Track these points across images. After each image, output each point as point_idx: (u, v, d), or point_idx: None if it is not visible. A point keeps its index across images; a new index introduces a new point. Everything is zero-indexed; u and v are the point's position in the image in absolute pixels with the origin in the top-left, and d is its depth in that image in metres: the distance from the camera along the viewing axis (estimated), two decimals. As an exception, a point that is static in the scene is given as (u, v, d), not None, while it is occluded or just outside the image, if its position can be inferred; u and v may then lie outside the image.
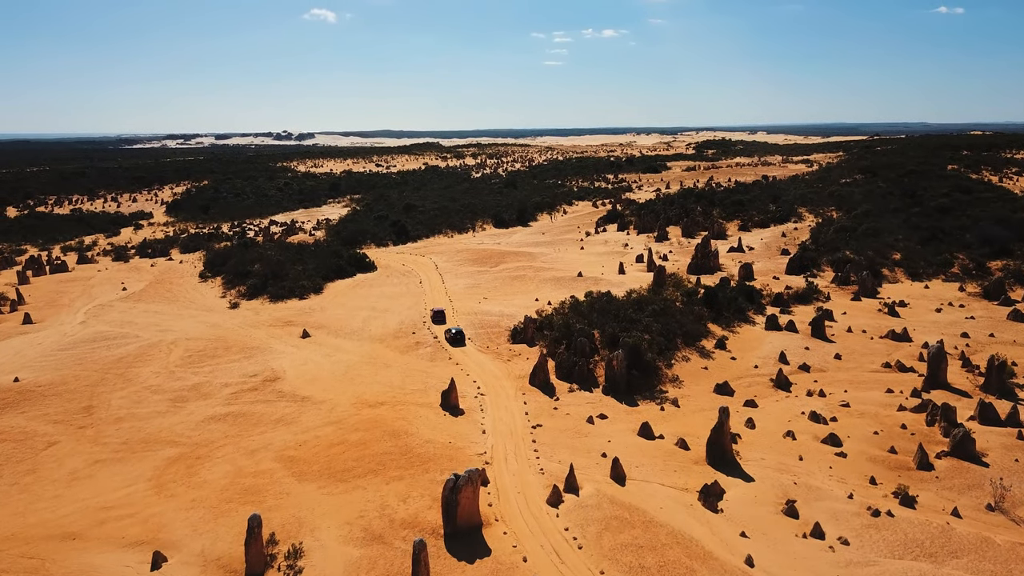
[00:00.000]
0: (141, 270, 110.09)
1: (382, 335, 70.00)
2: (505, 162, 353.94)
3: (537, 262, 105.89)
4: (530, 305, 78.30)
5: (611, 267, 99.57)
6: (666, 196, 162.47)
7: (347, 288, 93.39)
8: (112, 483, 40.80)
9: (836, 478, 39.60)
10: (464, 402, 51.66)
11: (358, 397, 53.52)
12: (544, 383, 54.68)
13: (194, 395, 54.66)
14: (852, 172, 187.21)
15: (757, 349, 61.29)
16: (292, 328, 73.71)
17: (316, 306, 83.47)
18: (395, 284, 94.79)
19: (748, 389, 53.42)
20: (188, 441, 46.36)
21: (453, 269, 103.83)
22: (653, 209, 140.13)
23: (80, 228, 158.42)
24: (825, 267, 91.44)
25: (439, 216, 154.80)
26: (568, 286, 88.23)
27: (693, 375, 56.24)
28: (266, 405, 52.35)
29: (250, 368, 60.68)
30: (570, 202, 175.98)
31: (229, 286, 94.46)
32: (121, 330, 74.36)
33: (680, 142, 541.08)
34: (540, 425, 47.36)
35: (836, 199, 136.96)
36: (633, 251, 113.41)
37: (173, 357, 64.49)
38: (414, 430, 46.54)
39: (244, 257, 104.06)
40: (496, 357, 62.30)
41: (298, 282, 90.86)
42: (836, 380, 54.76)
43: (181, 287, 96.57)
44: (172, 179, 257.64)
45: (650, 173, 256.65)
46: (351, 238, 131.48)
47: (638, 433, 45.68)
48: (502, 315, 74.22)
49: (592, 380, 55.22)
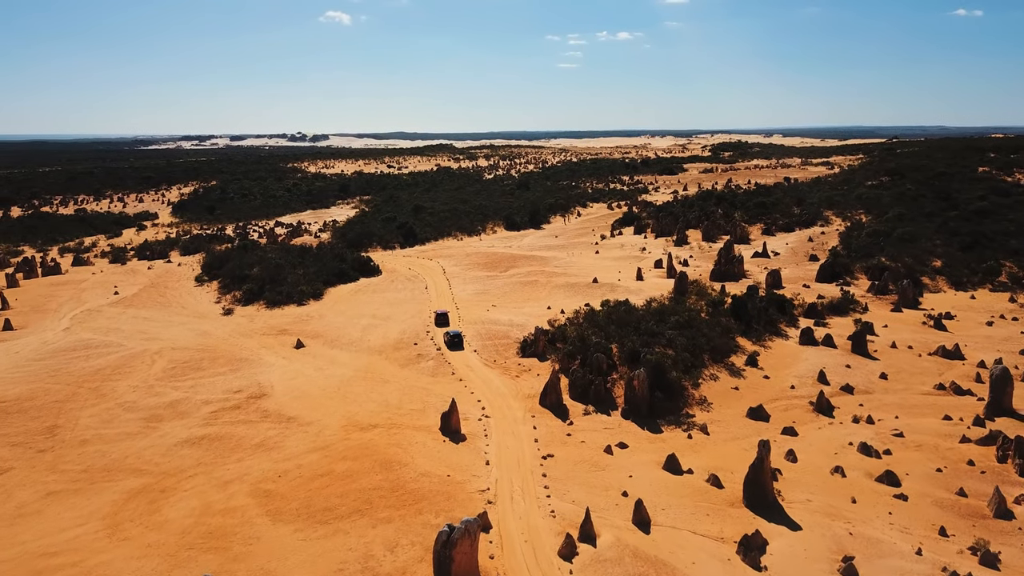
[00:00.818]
0: (137, 273, 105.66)
1: (381, 346, 64.76)
2: (518, 164, 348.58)
3: (549, 267, 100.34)
4: (542, 314, 72.84)
5: (628, 273, 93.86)
6: (684, 198, 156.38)
7: (349, 294, 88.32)
8: (62, 521, 35.69)
9: (898, 527, 33.77)
10: (467, 425, 46.23)
11: (350, 418, 48.25)
12: (556, 404, 49.15)
13: (170, 414, 49.59)
14: (877, 174, 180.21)
15: (792, 366, 55.38)
16: (286, 337, 68.66)
17: (314, 313, 78.45)
18: (399, 290, 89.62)
19: (785, 414, 47.59)
20: (155, 469, 41.23)
21: (461, 274, 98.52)
22: (671, 212, 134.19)
23: (82, 229, 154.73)
24: (859, 274, 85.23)
25: (449, 218, 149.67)
26: (583, 293, 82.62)
27: (722, 396, 50.45)
28: (247, 426, 47.18)
29: (235, 383, 55.59)
30: (584, 204, 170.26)
31: (225, 291, 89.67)
32: (105, 338, 69.62)
33: (695, 144, 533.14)
34: (551, 455, 41.82)
35: (864, 202, 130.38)
36: (651, 256, 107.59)
37: (155, 369, 59.57)
38: (409, 459, 41.15)
39: (243, 260, 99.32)
40: (504, 372, 56.84)
41: (296, 287, 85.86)
42: (884, 404, 48.80)
43: (175, 291, 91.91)
44: (181, 179, 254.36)
45: (666, 175, 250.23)
46: (357, 241, 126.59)
47: (663, 466, 40.03)
48: (511, 324, 68.82)
49: (610, 401, 49.61)
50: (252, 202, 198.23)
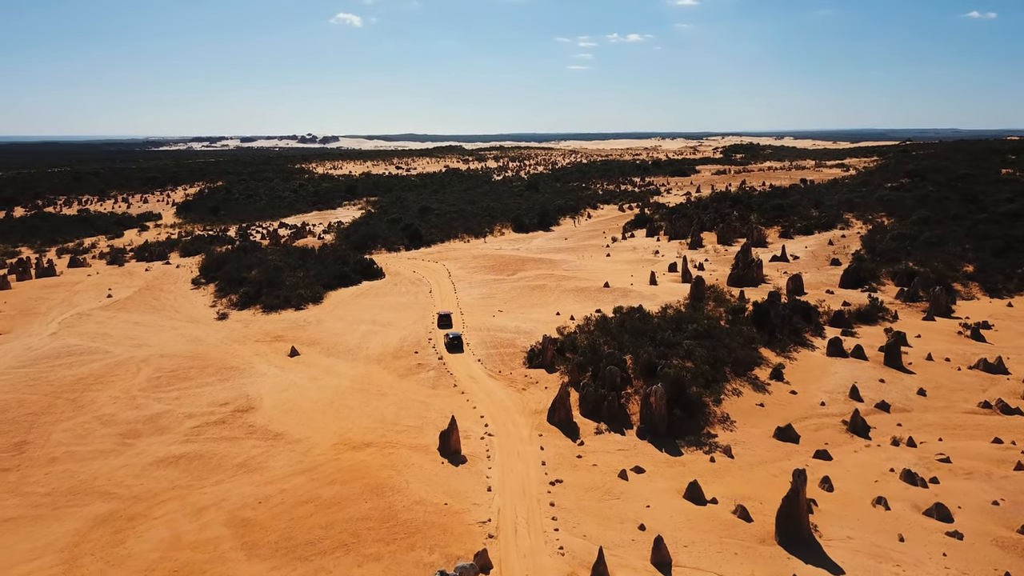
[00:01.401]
0: (134, 275, 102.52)
1: (380, 354, 61.08)
2: (528, 165, 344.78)
3: (559, 270, 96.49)
4: (550, 320, 69.01)
5: (641, 277, 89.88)
6: (698, 200, 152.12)
7: (349, 298, 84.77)
8: (14, 554, 32.14)
9: (956, 572, 29.69)
10: (468, 445, 42.41)
11: (341, 435, 44.55)
12: (566, 421, 45.26)
13: (149, 429, 46.05)
14: (896, 176, 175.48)
15: (821, 380, 51.22)
16: (281, 344, 65.10)
17: (312, 318, 74.90)
18: (402, 294, 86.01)
19: (816, 434, 43.50)
20: (126, 493, 37.64)
21: (467, 277, 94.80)
22: (685, 213, 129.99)
23: (83, 229, 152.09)
24: (885, 280, 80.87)
25: (456, 220, 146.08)
26: (593, 298, 78.73)
27: (747, 414, 46.41)
28: (231, 444, 43.55)
29: (222, 394, 52.03)
30: (595, 206, 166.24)
31: (221, 294, 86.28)
32: (92, 344, 66.30)
33: (706, 146, 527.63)
34: (560, 481, 37.93)
35: (886, 204, 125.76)
36: (665, 259, 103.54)
37: (139, 378, 56.11)
38: (403, 484, 37.37)
39: (241, 262, 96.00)
40: (509, 384, 52.99)
41: (295, 291, 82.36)
42: (925, 424, 44.63)
43: (170, 295, 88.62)
44: (186, 180, 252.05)
45: (678, 176, 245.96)
46: (361, 242, 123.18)
47: (684, 495, 36.06)
48: (518, 331, 65.02)
49: (624, 419, 45.67)
50: (257, 203, 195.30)
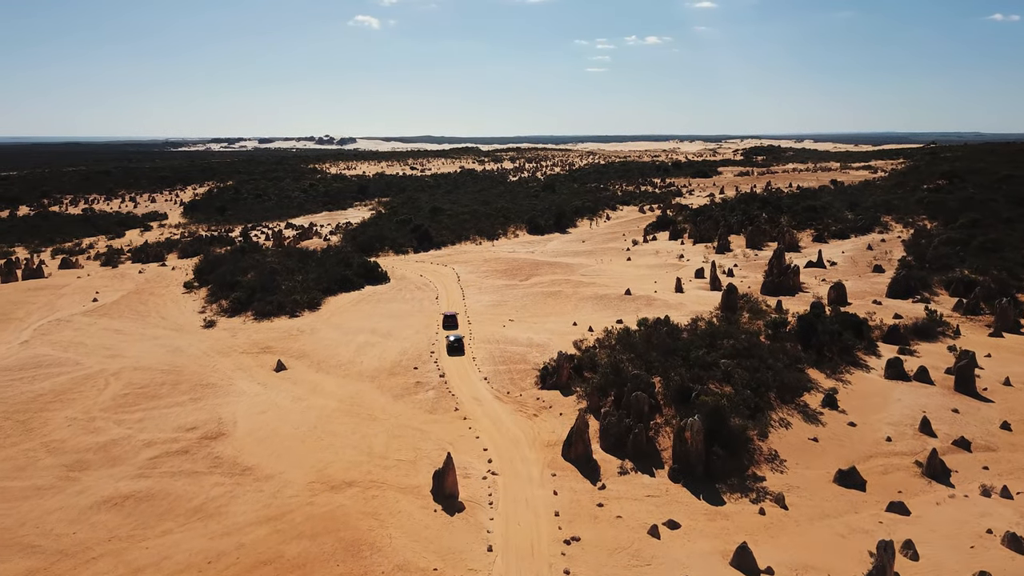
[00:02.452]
0: (125, 277, 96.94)
1: (376, 370, 54.54)
2: (544, 166, 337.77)
3: (576, 275, 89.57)
4: (566, 331, 62.21)
5: (666, 283, 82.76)
6: (723, 201, 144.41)
7: (349, 304, 78.43)
8: None
9: None
10: (467, 487, 35.66)
11: (320, 470, 37.98)
12: (584, 458, 38.37)
13: (100, 459, 39.77)
14: (931, 177, 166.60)
15: (883, 410, 43.89)
16: (268, 357, 58.79)
17: (307, 326, 68.61)
18: (407, 300, 79.55)
19: (886, 479, 36.26)
20: (53, 546, 31.27)
21: (477, 282, 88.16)
22: (710, 215, 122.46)
23: (84, 229, 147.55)
24: (938, 289, 73.14)
25: (468, 221, 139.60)
26: (614, 307, 71.79)
27: (799, 451, 39.23)
28: (190, 481, 37.12)
29: (192, 416, 45.71)
30: (614, 207, 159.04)
31: (212, 299, 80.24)
32: (63, 354, 60.42)
33: (725, 149, 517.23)
34: (577, 539, 31.03)
35: (926, 206, 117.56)
36: (690, 264, 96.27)
37: (105, 396, 49.98)
38: (384, 540, 30.67)
39: (238, 265, 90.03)
40: (519, 409, 46.20)
41: (290, 296, 76.12)
42: (1018, 467, 37.24)
43: (159, 299, 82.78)
44: (197, 180, 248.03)
45: (700, 177, 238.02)
46: (367, 244, 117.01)
47: (732, 562, 29.05)
48: (530, 345, 58.25)
49: (653, 456, 38.67)
50: (266, 203, 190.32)
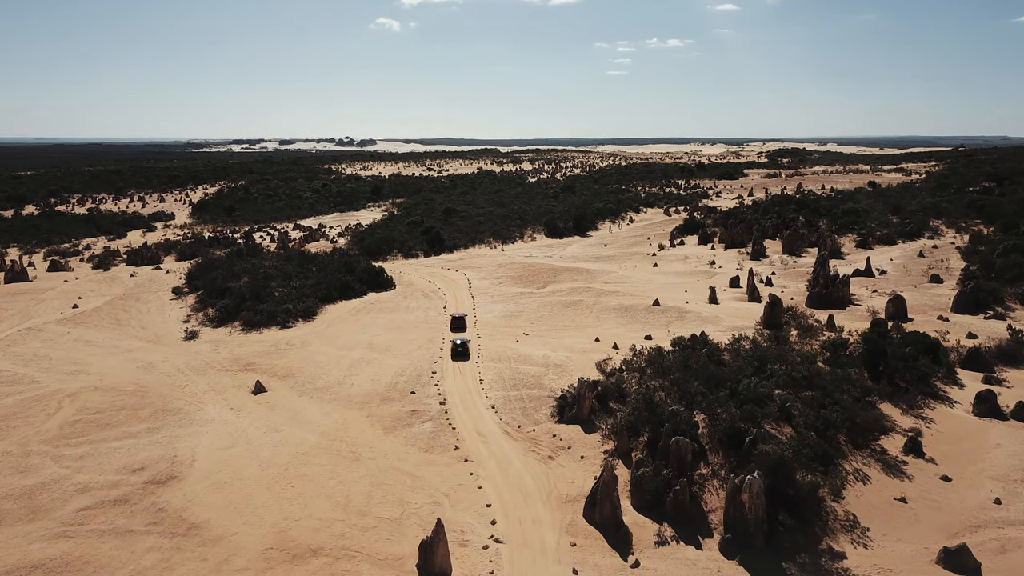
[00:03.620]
0: (116, 281, 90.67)
1: (367, 394, 47.18)
2: (564, 167, 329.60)
3: (598, 283, 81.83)
4: (588, 348, 54.59)
5: (698, 293, 74.73)
6: (755, 203, 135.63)
7: (348, 313, 71.37)
8: None
9: None
10: (463, 560, 28.03)
11: (283, 531, 30.58)
12: (611, 521, 30.55)
13: (20, 510, 32.67)
14: (977, 179, 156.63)
15: (980, 459, 35.53)
16: (248, 376, 51.71)
17: (298, 339, 61.56)
18: (412, 309, 72.33)
19: (1004, 560, 27.99)
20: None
21: (490, 289, 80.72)
22: (742, 218, 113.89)
23: (86, 229, 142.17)
24: (1012, 303, 64.37)
25: (483, 223, 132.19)
26: (641, 319, 64.02)
27: (884, 516, 31.07)
28: (120, 543, 29.88)
29: (144, 452, 38.58)
30: (637, 209, 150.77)
31: (200, 306, 73.54)
32: (22, 370, 53.84)
33: (748, 151, 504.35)
34: (605, 648, 23.32)
35: (980, 210, 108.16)
36: (723, 271, 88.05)
37: (52, 423, 43.09)
38: (349, 645, 23.15)
39: (231, 269, 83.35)
40: (530, 448, 38.50)
41: (282, 305, 69.12)
42: None
43: (144, 305, 76.22)
44: (209, 179, 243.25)
45: (726, 179, 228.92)
46: (375, 247, 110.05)
47: None
48: (546, 365, 50.66)
49: (699, 519, 30.77)
50: (276, 203, 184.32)
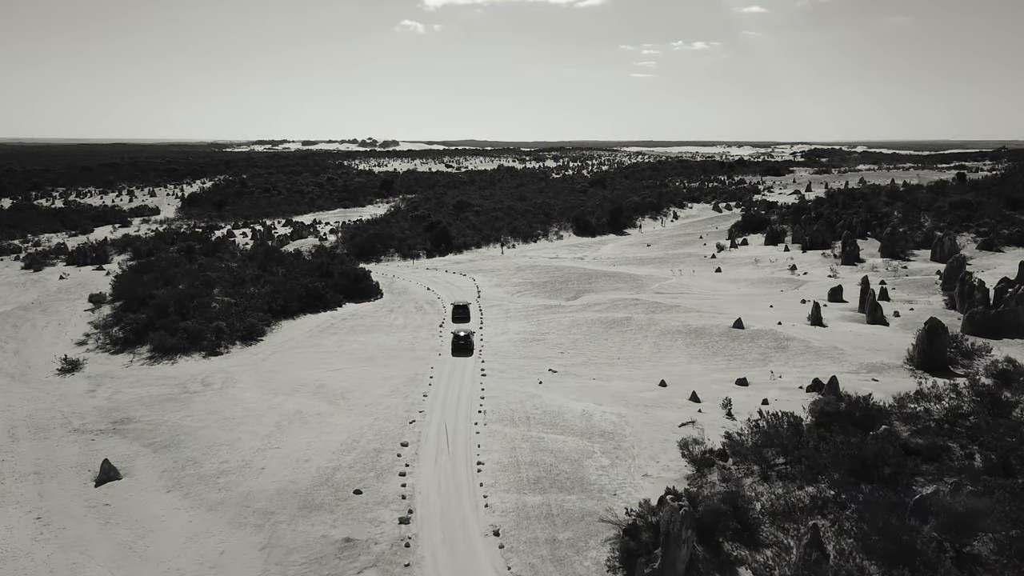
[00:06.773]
0: (36, 284, 72.10)
1: (279, 493, 27.21)
2: (590, 164, 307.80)
3: (647, 292, 61.52)
4: (649, 398, 34.60)
5: (789, 309, 54.05)
6: (831, 195, 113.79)
7: (307, 334, 51.77)
8: None
9: None
10: None
11: None
12: None
13: None
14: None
15: None
16: (111, 443, 32.35)
17: (219, 374, 42.04)
18: (396, 328, 52.65)
19: None
20: None
21: (503, 301, 60.68)
22: (820, 214, 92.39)
23: (50, 224, 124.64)
24: None
25: (500, 219, 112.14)
26: (723, 350, 43.58)
27: None
28: None
29: None
30: (681, 204, 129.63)
31: (113, 320, 54.36)
32: None
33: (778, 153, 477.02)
34: None
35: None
36: (812, 279, 67.03)
37: None
38: None
39: (167, 271, 64.19)
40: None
41: (212, 323, 49.51)
42: None
43: (47, 319, 57.31)
44: (208, 173, 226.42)
45: (772, 175, 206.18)
46: (367, 246, 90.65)
47: None
48: (588, 434, 30.60)
49: None
50: (273, 197, 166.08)
